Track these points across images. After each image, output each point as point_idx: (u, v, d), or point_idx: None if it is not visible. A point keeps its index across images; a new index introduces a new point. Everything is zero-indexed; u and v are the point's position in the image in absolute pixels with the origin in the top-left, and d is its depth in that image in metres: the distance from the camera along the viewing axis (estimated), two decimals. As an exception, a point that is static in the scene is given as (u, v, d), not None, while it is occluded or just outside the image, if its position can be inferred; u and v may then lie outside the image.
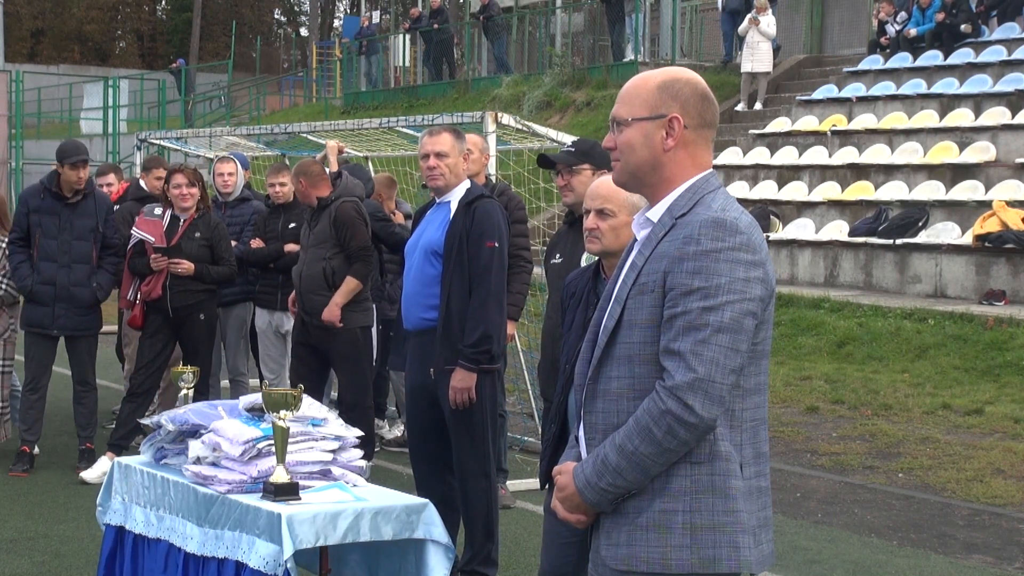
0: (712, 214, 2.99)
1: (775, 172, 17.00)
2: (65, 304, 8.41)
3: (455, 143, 6.08)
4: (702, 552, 2.98)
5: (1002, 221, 13.07)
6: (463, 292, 5.95)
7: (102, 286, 8.50)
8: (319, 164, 8.29)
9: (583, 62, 25.91)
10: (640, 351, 3.01)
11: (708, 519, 2.98)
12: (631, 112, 3.10)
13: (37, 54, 54.04)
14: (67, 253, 8.42)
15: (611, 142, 3.16)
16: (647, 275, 3.02)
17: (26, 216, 8.48)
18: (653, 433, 2.92)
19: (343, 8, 60.09)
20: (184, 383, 5.45)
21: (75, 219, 8.44)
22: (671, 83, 3.10)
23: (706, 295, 2.91)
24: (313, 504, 4.54)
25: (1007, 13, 18.77)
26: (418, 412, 6.20)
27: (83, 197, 8.47)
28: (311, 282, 7.76)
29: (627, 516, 3.03)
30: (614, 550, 3.05)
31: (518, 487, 8.02)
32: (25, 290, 8.48)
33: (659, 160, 3.10)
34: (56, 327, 8.45)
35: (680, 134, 3.08)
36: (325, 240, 7.81)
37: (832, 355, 12.24)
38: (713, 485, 2.98)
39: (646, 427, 2.92)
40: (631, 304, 3.03)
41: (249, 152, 14.47)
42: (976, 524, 7.60)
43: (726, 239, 2.95)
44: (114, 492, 5.29)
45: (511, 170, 11.16)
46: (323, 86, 35.76)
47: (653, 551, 2.99)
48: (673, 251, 2.97)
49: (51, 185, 8.49)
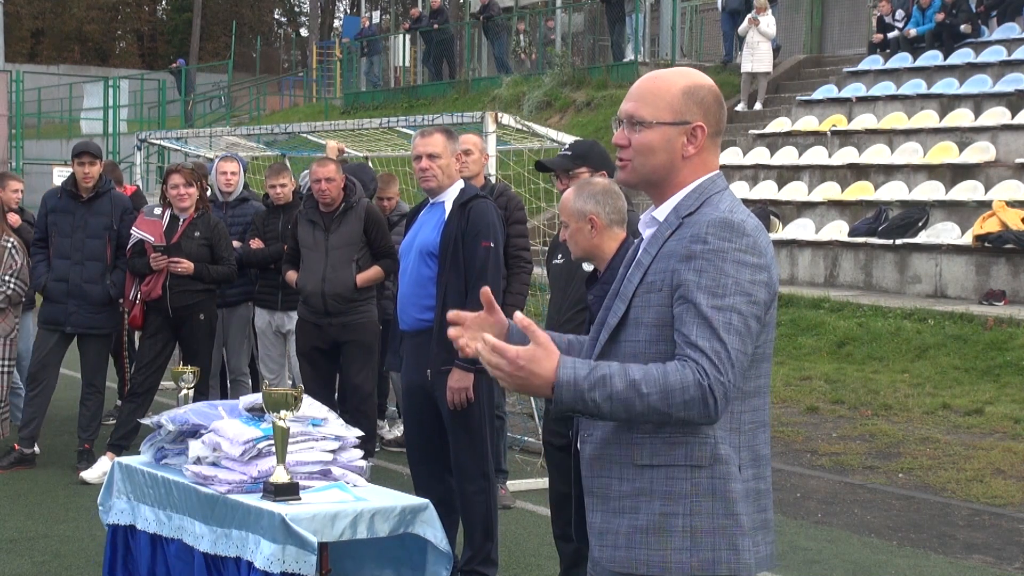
0: (719, 214, 2.98)
1: (775, 172, 17.00)
2: (78, 301, 8.42)
3: (447, 144, 6.07)
4: (702, 555, 2.97)
5: (1002, 221, 13.07)
6: (459, 292, 5.94)
7: (116, 284, 8.50)
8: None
9: (583, 62, 25.90)
10: (645, 349, 2.99)
11: (708, 522, 2.97)
12: (655, 115, 3.05)
13: (37, 54, 54.07)
14: (80, 251, 8.45)
15: (624, 139, 3.09)
16: (654, 274, 3.00)
17: (45, 217, 8.59)
18: (673, 397, 2.83)
19: (343, 8, 60.11)
20: (184, 383, 5.45)
21: (89, 217, 8.48)
22: (696, 89, 3.08)
23: (713, 294, 2.91)
24: (313, 504, 4.55)
25: (1007, 13, 18.77)
26: (415, 413, 6.20)
27: (98, 196, 8.51)
28: (339, 285, 7.78)
29: (624, 516, 3.01)
30: (611, 552, 3.03)
31: (518, 487, 8.03)
32: (39, 287, 8.52)
33: (676, 165, 3.08)
34: (69, 324, 8.46)
35: (702, 143, 3.07)
36: (352, 242, 7.86)
37: (832, 355, 12.24)
38: (713, 488, 2.97)
39: (670, 387, 2.83)
40: (637, 302, 3.02)
41: (249, 152, 14.48)
42: (976, 524, 7.60)
43: (733, 240, 2.94)
44: (117, 492, 5.29)
45: (511, 170, 11.16)
46: (323, 86, 35.76)
47: (653, 554, 2.98)
48: (680, 250, 2.96)
49: (68, 185, 8.57)
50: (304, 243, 8.03)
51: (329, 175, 7.91)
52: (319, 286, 7.83)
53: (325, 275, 7.81)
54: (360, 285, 7.86)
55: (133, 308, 8.45)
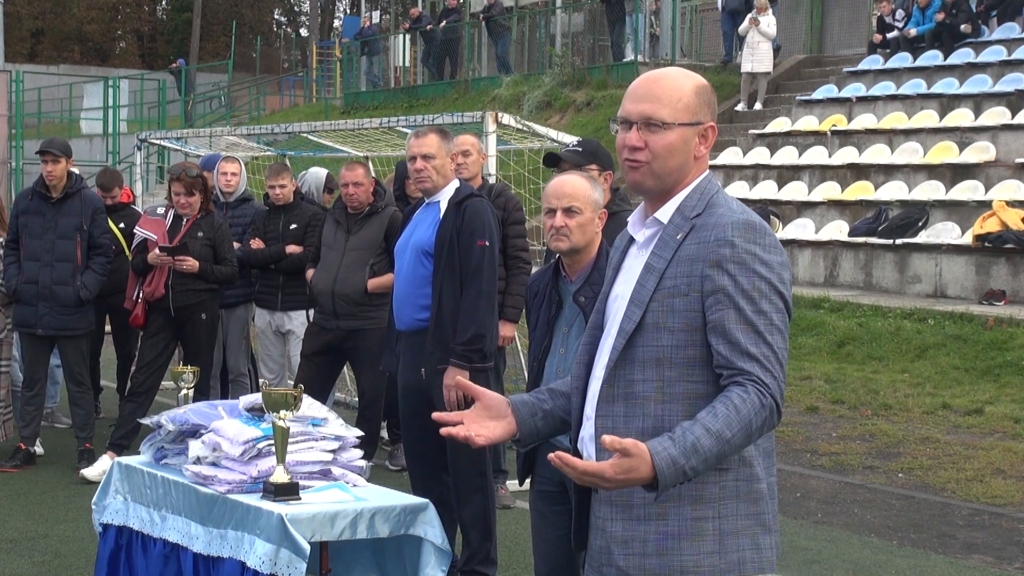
0: (738, 216, 2.99)
1: (775, 172, 17.00)
2: (48, 303, 8.37)
3: (441, 144, 6.07)
4: (728, 556, 2.99)
5: (1002, 221, 13.07)
6: (454, 291, 5.95)
7: (86, 285, 8.41)
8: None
9: (583, 62, 25.90)
10: (672, 354, 2.98)
11: (734, 524, 2.99)
12: (674, 116, 3.03)
13: (37, 54, 54.03)
14: (50, 252, 8.39)
15: (639, 141, 3.04)
16: (675, 278, 2.99)
17: (16, 218, 8.52)
18: (751, 426, 2.87)
19: (343, 8, 60.10)
20: (184, 383, 5.45)
21: (59, 218, 8.42)
22: (704, 90, 3.08)
23: (751, 298, 2.92)
24: (313, 504, 4.55)
25: (1007, 13, 18.77)
26: (412, 413, 6.20)
27: (68, 196, 8.45)
28: (349, 286, 7.77)
29: (650, 523, 3.00)
30: (640, 560, 3.01)
31: (518, 487, 8.02)
32: (10, 290, 8.48)
33: (688, 167, 3.07)
34: (40, 326, 8.42)
35: (712, 143, 3.10)
36: (371, 246, 7.84)
37: (832, 355, 12.24)
38: (738, 490, 3.00)
39: (747, 419, 2.86)
40: (656, 307, 3.00)
41: (249, 152, 14.48)
42: (976, 524, 7.60)
43: (758, 241, 2.96)
44: (114, 492, 5.29)
45: (511, 170, 11.16)
46: (323, 86, 35.76)
47: (687, 559, 2.98)
48: (706, 254, 2.96)
49: (38, 186, 8.52)
50: (325, 242, 8.02)
51: (357, 179, 7.87)
52: (330, 285, 7.81)
53: (338, 275, 7.80)
54: (371, 290, 7.78)
55: (135, 307, 8.44)
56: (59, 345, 8.59)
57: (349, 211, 7.94)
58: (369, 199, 7.92)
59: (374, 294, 7.80)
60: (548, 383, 4.47)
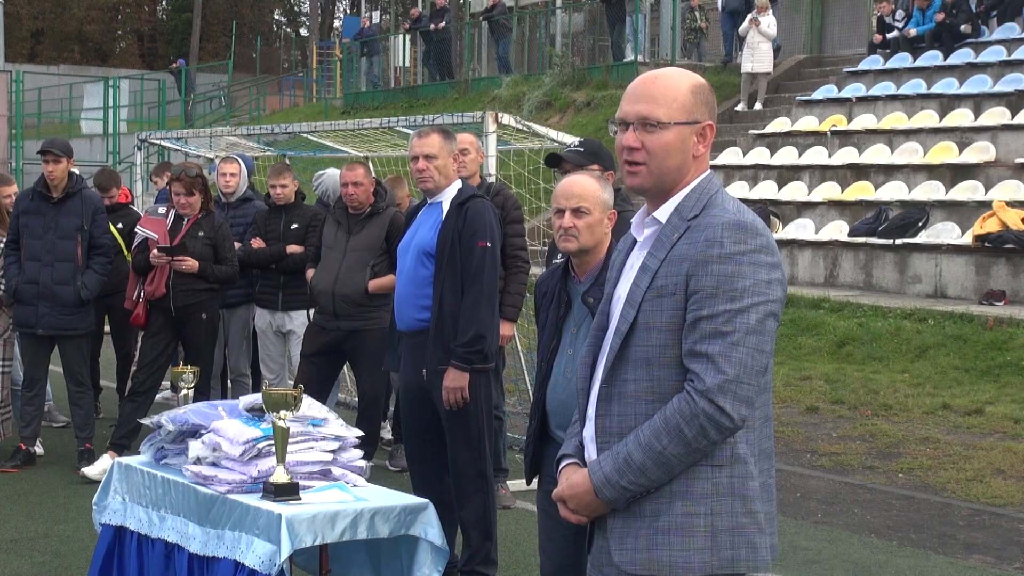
0: (731, 216, 2.98)
1: (775, 172, 17.00)
2: (49, 303, 8.37)
3: (444, 144, 6.06)
4: (721, 553, 2.99)
5: (1002, 221, 13.07)
6: (456, 292, 5.94)
7: (87, 285, 8.41)
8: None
9: (583, 62, 25.90)
10: (660, 354, 2.99)
11: (728, 521, 2.99)
12: (670, 115, 3.02)
13: (37, 54, 54.05)
14: (51, 252, 8.39)
15: (636, 142, 3.04)
16: (665, 278, 2.99)
17: (16, 219, 8.52)
18: (684, 434, 2.90)
19: (343, 8, 60.10)
20: (184, 383, 5.45)
21: (60, 218, 8.42)
22: (701, 88, 3.08)
23: (732, 298, 2.91)
24: (313, 504, 4.55)
25: (1007, 13, 18.77)
26: (412, 413, 6.20)
27: (69, 196, 8.45)
28: (350, 286, 7.76)
29: (644, 519, 3.01)
30: (631, 555, 3.02)
31: (518, 487, 8.01)
32: (11, 290, 8.49)
33: (687, 166, 3.07)
34: (41, 326, 8.42)
35: (710, 142, 3.09)
36: (372, 247, 7.83)
37: (832, 355, 12.24)
38: (732, 487, 2.99)
39: (676, 427, 2.90)
40: (647, 307, 3.00)
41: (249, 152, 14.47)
42: (976, 524, 7.60)
43: (748, 241, 2.95)
44: (113, 492, 5.29)
45: (511, 170, 11.16)
46: (323, 86, 35.76)
47: (676, 555, 2.98)
48: (695, 254, 2.95)
49: (39, 186, 8.52)
50: (326, 242, 8.01)
51: (357, 179, 7.84)
52: (331, 286, 7.81)
53: (338, 275, 7.79)
54: (372, 291, 7.77)
55: (136, 307, 8.44)
56: (59, 345, 8.59)
57: (350, 211, 7.94)
58: (369, 199, 7.92)
59: (374, 295, 7.79)
60: (555, 383, 4.49)
